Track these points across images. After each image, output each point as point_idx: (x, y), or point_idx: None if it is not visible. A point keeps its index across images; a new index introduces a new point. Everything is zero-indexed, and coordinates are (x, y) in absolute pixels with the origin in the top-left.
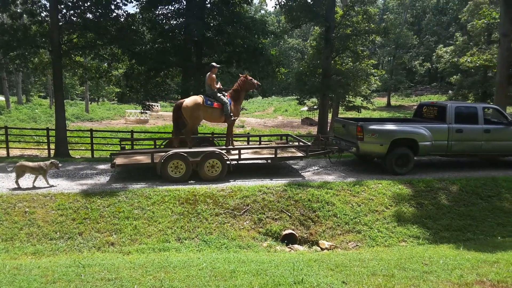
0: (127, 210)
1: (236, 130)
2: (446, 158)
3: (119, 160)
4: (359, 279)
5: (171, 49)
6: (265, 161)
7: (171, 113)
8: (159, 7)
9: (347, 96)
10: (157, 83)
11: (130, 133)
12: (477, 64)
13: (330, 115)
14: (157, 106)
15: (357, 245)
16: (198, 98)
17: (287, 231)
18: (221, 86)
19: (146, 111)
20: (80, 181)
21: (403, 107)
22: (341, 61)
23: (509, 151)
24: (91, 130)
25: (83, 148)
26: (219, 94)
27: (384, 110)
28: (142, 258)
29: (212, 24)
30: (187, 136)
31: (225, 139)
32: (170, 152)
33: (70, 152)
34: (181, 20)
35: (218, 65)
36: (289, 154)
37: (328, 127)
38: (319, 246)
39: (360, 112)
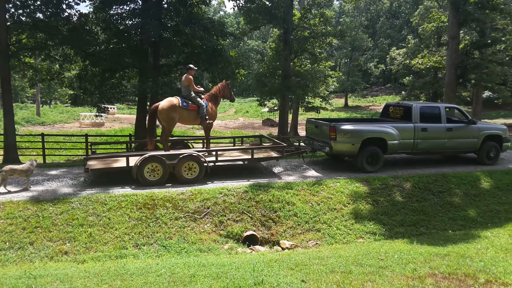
0: (82, 217)
1: (197, 132)
2: (399, 156)
3: (92, 164)
4: (318, 277)
5: (126, 49)
6: (242, 162)
7: (128, 116)
8: (114, 7)
9: (306, 97)
10: (113, 85)
11: (84, 137)
12: (428, 66)
13: (290, 116)
14: (114, 108)
15: (317, 243)
16: (174, 100)
17: (248, 233)
18: (202, 89)
19: (101, 114)
20: (31, 188)
21: (360, 107)
22: (300, 63)
23: (469, 147)
24: (42, 135)
25: (34, 154)
26: (194, 95)
27: (342, 110)
28: (98, 266)
29: (169, 25)
30: (164, 139)
31: (198, 141)
32: (146, 155)
33: (20, 158)
34: (137, 20)
35: (195, 68)
36: (265, 155)
37: (289, 128)
38: (280, 246)
39: (319, 112)
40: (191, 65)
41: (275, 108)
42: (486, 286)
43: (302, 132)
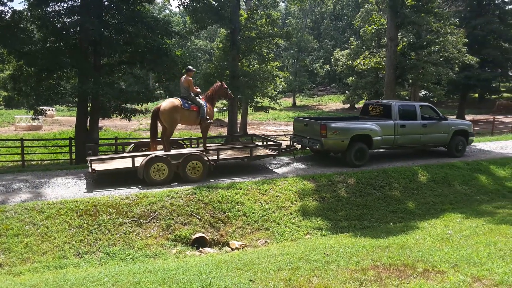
0: (17, 226)
1: (143, 134)
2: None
3: (98, 166)
4: (266, 275)
5: (65, 48)
6: (242, 160)
7: (68, 118)
8: (51, 4)
9: (255, 97)
10: (50, 86)
11: (20, 141)
12: (369, 66)
13: (239, 116)
14: (52, 110)
15: (266, 241)
16: (176, 101)
17: (197, 235)
18: (199, 90)
19: (39, 117)
20: None
21: (307, 106)
22: (248, 63)
23: (441, 142)
24: None
25: None
26: (193, 96)
27: (290, 110)
28: (35, 278)
29: (111, 23)
30: (167, 140)
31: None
32: (152, 155)
33: None
34: (75, 18)
35: (195, 70)
36: (263, 153)
37: (238, 128)
38: (229, 247)
39: (268, 112)
40: (190, 67)
41: (224, 108)
42: (423, 274)
43: (251, 131)
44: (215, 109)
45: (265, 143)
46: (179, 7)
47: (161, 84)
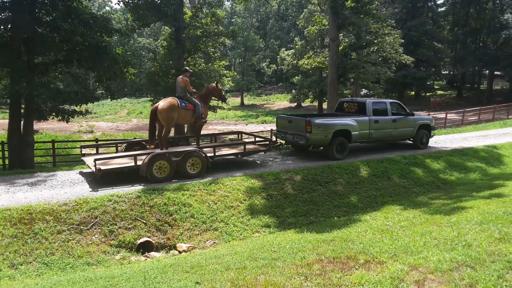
0: None
1: (84, 136)
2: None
3: (103, 165)
4: (213, 276)
5: None
6: (236, 156)
7: (1, 121)
8: None
9: None
10: None
11: None
12: (313, 66)
13: None
14: None
15: (214, 242)
16: (173, 100)
17: (142, 240)
18: (194, 90)
19: None
20: None
21: (255, 106)
22: (194, 62)
23: (408, 135)
24: None
25: None
26: (189, 96)
27: (238, 109)
28: None
29: (45, 20)
30: (164, 138)
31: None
32: (154, 153)
33: None
34: (6, 14)
35: (191, 70)
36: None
37: (186, 127)
38: (177, 250)
39: (216, 112)
40: (187, 68)
41: None
42: (365, 266)
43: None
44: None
45: (251, 139)
46: (118, 3)
47: (102, 84)
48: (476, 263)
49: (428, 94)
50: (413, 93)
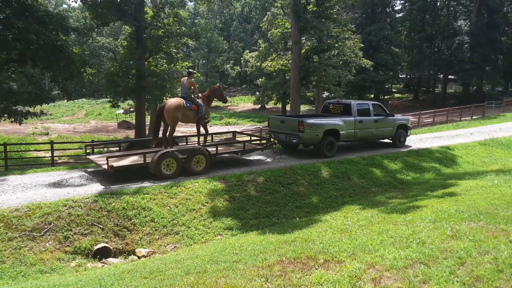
0: None
1: (39, 139)
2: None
3: (115, 163)
4: (172, 281)
5: None
6: (237, 154)
7: None
8: None
9: (164, 97)
10: None
11: None
12: (276, 68)
13: (148, 118)
14: None
15: (175, 246)
16: (179, 101)
17: (99, 245)
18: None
19: None
20: None
21: (219, 107)
22: (155, 63)
23: (388, 134)
24: None
25: None
26: (193, 96)
27: None
28: None
29: None
30: (169, 137)
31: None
32: (162, 151)
33: None
34: None
35: (195, 72)
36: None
37: (147, 130)
38: (136, 255)
39: None
40: (191, 70)
41: (131, 109)
42: (324, 265)
43: (160, 134)
44: (121, 111)
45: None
46: (76, 1)
47: (58, 84)
48: (429, 260)
49: (386, 97)
50: (372, 96)
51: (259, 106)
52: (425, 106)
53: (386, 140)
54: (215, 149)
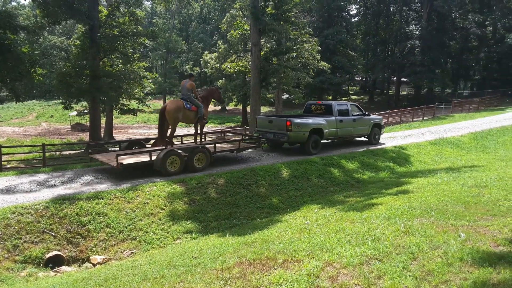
0: None
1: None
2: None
3: (124, 160)
4: None
5: None
6: (232, 152)
7: None
8: None
9: (120, 99)
10: None
11: None
12: (236, 70)
13: (104, 120)
14: None
15: (132, 252)
16: (179, 102)
17: (51, 254)
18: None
19: None
20: None
21: None
22: (111, 63)
23: (364, 133)
24: None
25: None
26: (193, 98)
27: None
28: None
29: None
30: (171, 136)
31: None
32: (167, 150)
33: None
34: None
35: (195, 74)
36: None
37: (103, 132)
38: (91, 263)
39: (136, 115)
40: (192, 73)
41: (85, 111)
42: (283, 265)
43: (118, 136)
44: (74, 113)
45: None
46: None
47: (6, 85)
48: (384, 256)
49: (343, 98)
50: (330, 97)
51: (220, 107)
52: (380, 108)
53: (362, 138)
54: (213, 147)
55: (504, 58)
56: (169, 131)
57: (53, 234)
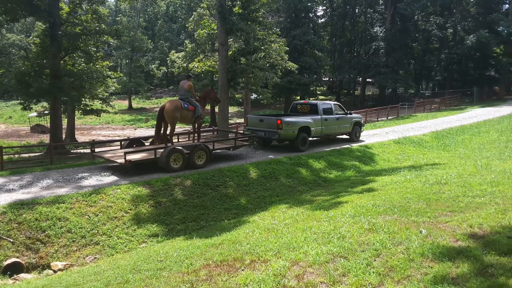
0: None
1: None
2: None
3: (131, 157)
4: None
5: None
6: (229, 150)
7: None
8: None
9: (83, 99)
10: None
11: None
12: (204, 70)
13: (65, 121)
14: None
15: (95, 257)
16: (177, 102)
17: (9, 261)
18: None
19: None
20: None
21: (145, 109)
22: (72, 62)
23: (347, 131)
24: None
25: None
26: (191, 98)
27: (126, 113)
28: None
29: None
30: (170, 135)
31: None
32: (171, 147)
33: None
34: None
35: (193, 76)
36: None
37: (64, 134)
38: (51, 269)
39: (100, 115)
40: (190, 74)
41: (46, 112)
42: (250, 266)
43: (81, 137)
44: (34, 114)
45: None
46: None
47: None
48: (348, 254)
49: (311, 98)
50: (298, 97)
51: None
52: (346, 107)
53: (344, 136)
54: (212, 145)
55: (464, 60)
56: (168, 130)
57: (11, 240)
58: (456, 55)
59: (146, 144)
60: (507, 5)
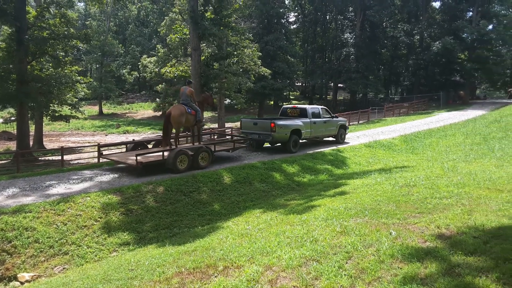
0: None
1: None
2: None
3: (141, 159)
4: None
5: None
6: (228, 151)
7: None
8: None
9: (51, 105)
10: None
11: None
12: (176, 74)
13: (33, 127)
14: None
15: (64, 268)
16: (182, 107)
17: None
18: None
19: None
20: None
21: (116, 115)
22: (40, 66)
23: (333, 133)
24: None
25: None
26: (192, 103)
27: (96, 118)
28: None
29: None
30: (175, 138)
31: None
32: (177, 149)
33: None
34: None
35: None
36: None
37: (32, 141)
38: (18, 281)
39: (69, 121)
40: (190, 80)
41: (13, 118)
42: (224, 272)
43: (49, 144)
44: (0, 120)
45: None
46: None
47: None
48: (321, 257)
49: (285, 103)
50: (272, 102)
51: (160, 113)
52: None
53: (330, 138)
54: (213, 147)
55: (430, 65)
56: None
57: None
58: (423, 61)
59: (149, 146)
60: (470, 13)
